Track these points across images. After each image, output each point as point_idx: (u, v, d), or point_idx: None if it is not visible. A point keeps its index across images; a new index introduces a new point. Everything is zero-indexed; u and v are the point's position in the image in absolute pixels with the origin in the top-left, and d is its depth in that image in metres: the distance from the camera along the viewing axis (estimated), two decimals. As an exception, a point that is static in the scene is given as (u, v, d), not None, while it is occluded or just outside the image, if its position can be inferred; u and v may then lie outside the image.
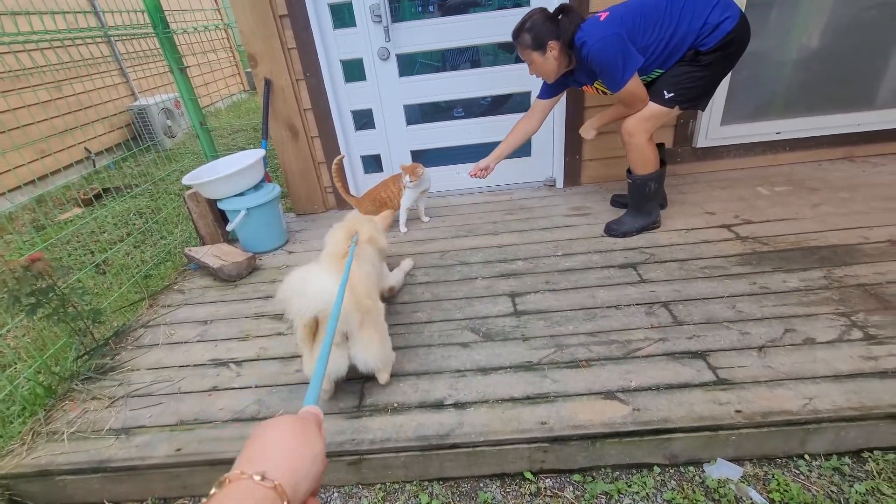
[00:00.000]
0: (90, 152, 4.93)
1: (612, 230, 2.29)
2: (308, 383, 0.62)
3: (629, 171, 2.19)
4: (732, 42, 1.82)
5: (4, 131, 3.70)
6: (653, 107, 1.98)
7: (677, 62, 1.91)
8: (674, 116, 2.01)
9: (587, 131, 2.23)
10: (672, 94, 1.93)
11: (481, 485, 1.36)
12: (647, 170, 2.12)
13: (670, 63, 1.92)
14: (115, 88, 5.54)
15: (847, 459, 1.31)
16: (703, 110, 2.33)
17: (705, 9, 1.80)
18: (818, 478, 1.28)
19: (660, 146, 2.22)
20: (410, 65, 2.80)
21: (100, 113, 5.08)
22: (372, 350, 1.40)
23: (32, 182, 4.00)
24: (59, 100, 4.37)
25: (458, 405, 1.42)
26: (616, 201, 2.59)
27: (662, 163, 2.17)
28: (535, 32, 1.91)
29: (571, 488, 1.33)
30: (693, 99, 1.99)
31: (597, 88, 2.13)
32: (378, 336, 1.43)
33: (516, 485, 1.35)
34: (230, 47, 8.58)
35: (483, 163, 2.34)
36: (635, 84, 1.91)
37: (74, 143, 4.66)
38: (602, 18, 1.88)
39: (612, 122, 2.15)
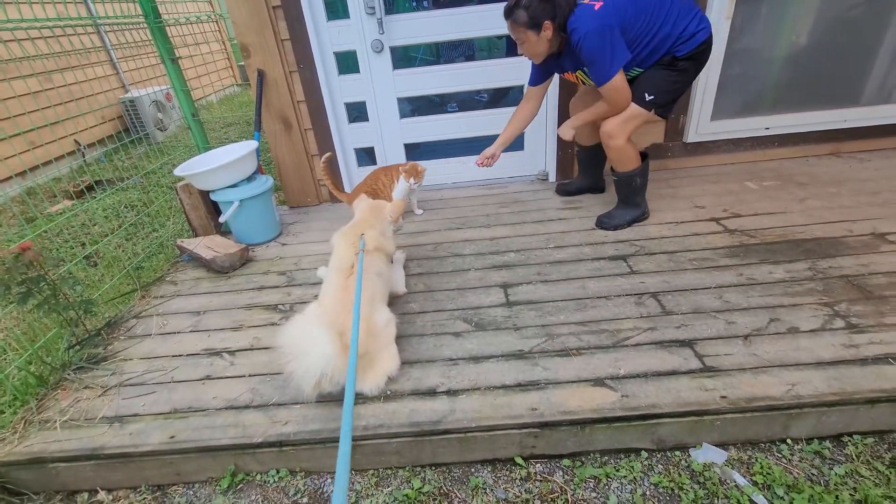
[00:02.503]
0: (80, 144, 4.88)
1: (603, 223, 2.32)
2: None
3: (613, 169, 2.23)
4: (703, 53, 1.92)
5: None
6: (633, 108, 2.01)
7: (655, 64, 1.95)
8: (649, 120, 2.04)
9: (565, 131, 2.19)
10: (652, 97, 1.97)
11: (473, 470, 1.39)
12: (630, 167, 2.16)
13: (649, 63, 1.95)
14: (105, 80, 5.47)
15: (828, 443, 1.35)
16: (666, 119, 2.26)
17: (687, 16, 1.88)
18: (800, 461, 1.31)
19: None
20: (406, 60, 2.79)
21: (90, 105, 5.02)
22: (367, 385, 1.44)
23: (22, 174, 3.95)
24: (48, 91, 4.30)
25: (451, 392, 1.44)
26: (562, 189, 2.71)
27: (644, 155, 2.20)
28: (531, 10, 1.86)
29: (561, 473, 1.36)
30: (668, 104, 2.04)
31: (578, 77, 2.13)
32: (373, 374, 1.45)
33: (507, 470, 1.38)
34: (222, 39, 8.49)
35: (489, 151, 2.33)
36: (621, 80, 1.92)
37: (65, 135, 4.60)
38: (597, 7, 1.84)
39: (591, 122, 2.14)
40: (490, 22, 2.56)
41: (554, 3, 1.85)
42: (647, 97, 1.97)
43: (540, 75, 2.21)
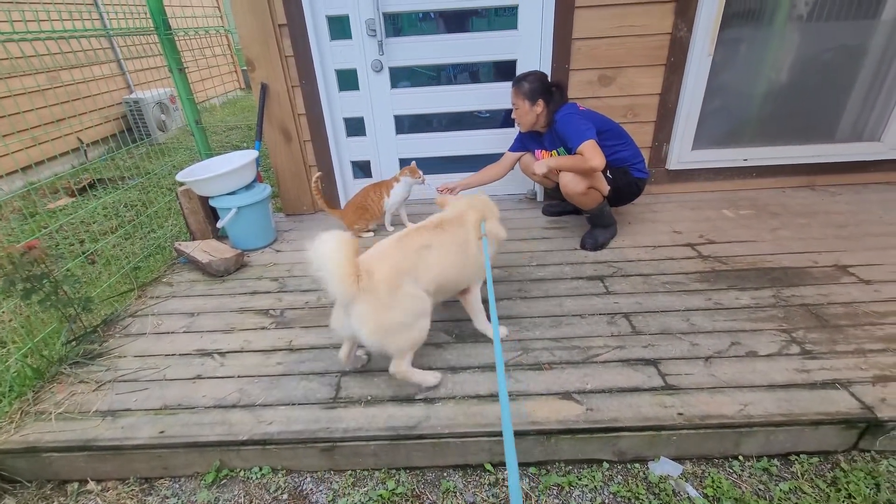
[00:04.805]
0: (82, 142, 4.97)
1: (586, 244, 2.43)
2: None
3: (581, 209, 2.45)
4: (640, 185, 2.42)
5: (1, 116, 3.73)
6: (598, 174, 2.26)
7: (613, 166, 2.32)
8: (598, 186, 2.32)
9: (540, 167, 2.29)
10: (612, 178, 2.34)
11: (445, 474, 1.47)
12: (596, 203, 2.36)
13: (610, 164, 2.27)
14: (110, 80, 5.57)
15: (776, 461, 1.44)
16: (608, 204, 2.45)
17: (635, 156, 2.38)
18: (749, 477, 1.41)
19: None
20: (408, 74, 2.91)
21: (94, 104, 5.12)
22: (365, 328, 1.40)
23: (22, 170, 4.04)
24: (54, 89, 4.40)
25: (428, 400, 1.53)
26: (548, 210, 2.89)
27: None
28: (533, 86, 2.28)
29: (527, 480, 1.44)
30: (617, 188, 2.35)
31: (552, 154, 2.43)
32: (376, 322, 1.40)
33: (477, 475, 1.47)
34: (230, 52, 8.65)
35: (452, 184, 2.59)
36: (595, 145, 2.13)
37: (67, 133, 4.69)
38: (580, 108, 2.30)
39: (565, 169, 2.25)
40: (483, 49, 2.71)
41: (551, 93, 2.32)
42: (607, 173, 2.32)
43: (519, 146, 2.61)
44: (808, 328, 1.77)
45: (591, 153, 2.11)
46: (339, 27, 2.66)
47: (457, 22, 2.77)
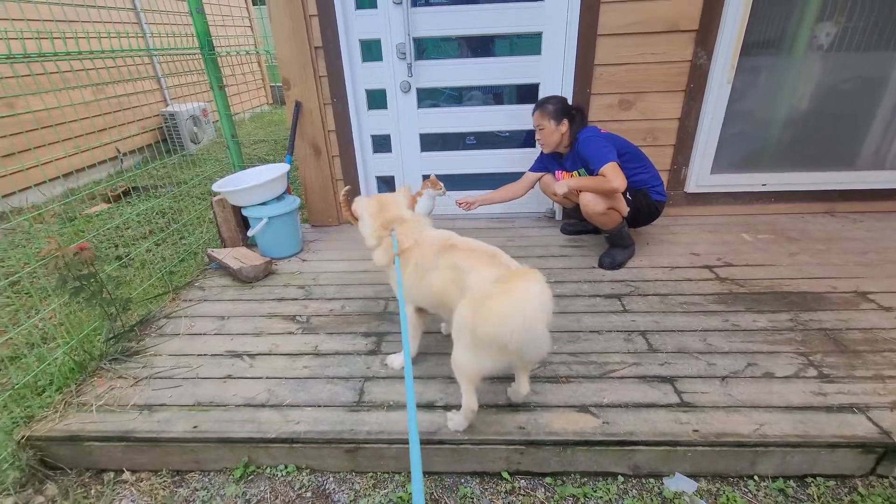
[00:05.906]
0: (120, 152, 5.22)
1: (604, 263, 2.48)
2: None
3: (600, 229, 2.51)
4: (659, 208, 2.50)
5: (50, 126, 3.96)
6: (619, 195, 2.33)
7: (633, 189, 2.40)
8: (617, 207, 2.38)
9: (561, 187, 2.37)
10: (631, 200, 2.41)
11: (462, 481, 1.52)
12: (615, 223, 2.42)
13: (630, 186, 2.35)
14: (150, 94, 5.87)
15: (792, 483, 1.45)
16: (627, 225, 2.50)
17: (654, 179, 2.46)
18: (764, 497, 1.42)
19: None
20: (433, 95, 3.04)
21: (135, 115, 5.40)
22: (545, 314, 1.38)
23: (64, 176, 4.26)
24: (107, 99, 4.67)
25: (447, 407, 1.59)
26: (566, 228, 2.94)
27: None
28: (556, 107, 2.40)
29: (543, 489, 1.48)
30: (636, 209, 2.44)
31: (573, 175, 2.52)
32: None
33: (494, 483, 1.51)
34: (262, 71, 9.05)
35: (472, 198, 2.67)
36: (617, 167, 2.22)
37: (116, 141, 4.95)
38: (602, 132, 2.39)
39: (586, 190, 2.33)
40: (506, 72, 2.83)
41: (572, 115, 2.42)
42: (627, 195, 2.38)
43: (539, 167, 2.70)
44: (825, 352, 1.78)
45: (613, 174, 2.18)
46: (371, 50, 2.80)
47: (480, 45, 2.90)
